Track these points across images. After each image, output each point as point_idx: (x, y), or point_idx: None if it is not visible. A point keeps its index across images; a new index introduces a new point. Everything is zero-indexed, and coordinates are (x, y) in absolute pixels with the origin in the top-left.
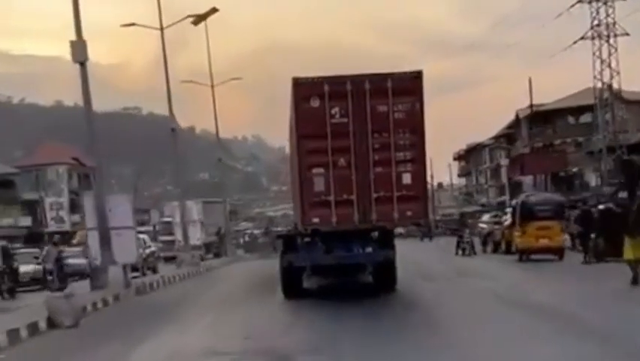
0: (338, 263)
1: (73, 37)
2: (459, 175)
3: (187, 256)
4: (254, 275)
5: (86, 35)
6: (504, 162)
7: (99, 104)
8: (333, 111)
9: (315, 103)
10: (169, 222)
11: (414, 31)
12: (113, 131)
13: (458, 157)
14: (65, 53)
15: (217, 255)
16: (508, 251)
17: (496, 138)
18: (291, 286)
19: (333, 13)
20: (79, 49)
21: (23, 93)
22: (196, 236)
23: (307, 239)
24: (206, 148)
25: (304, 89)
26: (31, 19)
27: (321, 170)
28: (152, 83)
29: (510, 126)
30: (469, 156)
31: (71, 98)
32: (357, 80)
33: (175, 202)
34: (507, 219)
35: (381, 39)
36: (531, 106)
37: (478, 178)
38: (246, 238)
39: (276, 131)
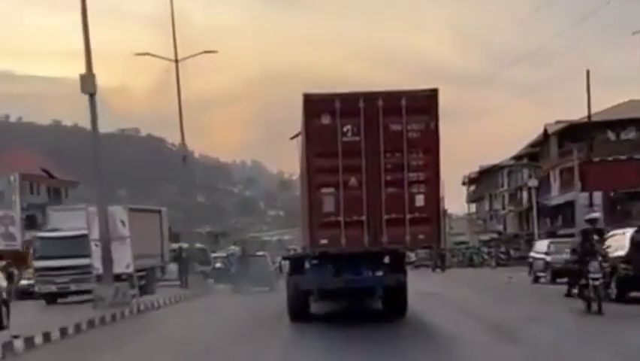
0: (347, 287)
1: (76, 60)
2: (467, 201)
3: (108, 291)
4: (211, 331)
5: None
6: (532, 182)
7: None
8: (344, 129)
9: (326, 120)
10: (54, 238)
11: (412, 62)
12: (109, 153)
13: (468, 181)
14: (67, 74)
15: (144, 289)
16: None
17: (517, 157)
18: (298, 310)
19: (333, 43)
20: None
21: (22, 112)
22: (125, 261)
23: (315, 261)
24: (205, 172)
25: (315, 106)
26: (34, 41)
27: (331, 189)
28: (154, 107)
29: (535, 144)
30: (481, 180)
31: (70, 118)
32: (370, 97)
33: (91, 207)
34: (612, 246)
35: (379, 69)
36: (589, 106)
37: (492, 203)
38: (217, 265)
39: (275, 156)
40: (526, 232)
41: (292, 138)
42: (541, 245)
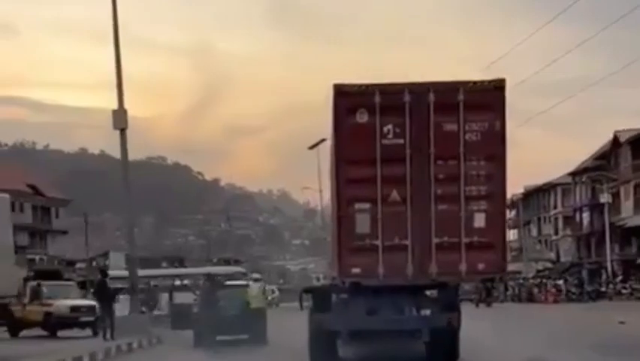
0: (384, 329)
1: (103, 91)
2: (510, 226)
3: None
4: None
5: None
6: (605, 198)
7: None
8: (385, 129)
9: (363, 118)
10: None
11: None
12: (135, 180)
13: (511, 204)
14: (95, 104)
15: None
16: None
17: (575, 173)
18: (322, 356)
19: (357, 74)
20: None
21: (50, 140)
22: None
23: (344, 295)
24: (231, 201)
25: (349, 100)
26: (64, 72)
27: (367, 205)
28: (180, 135)
29: (601, 156)
30: (527, 202)
31: (97, 146)
32: (419, 89)
33: None
34: None
35: None
36: None
37: (541, 228)
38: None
39: (302, 186)
40: (588, 260)
41: (312, 148)
42: None
